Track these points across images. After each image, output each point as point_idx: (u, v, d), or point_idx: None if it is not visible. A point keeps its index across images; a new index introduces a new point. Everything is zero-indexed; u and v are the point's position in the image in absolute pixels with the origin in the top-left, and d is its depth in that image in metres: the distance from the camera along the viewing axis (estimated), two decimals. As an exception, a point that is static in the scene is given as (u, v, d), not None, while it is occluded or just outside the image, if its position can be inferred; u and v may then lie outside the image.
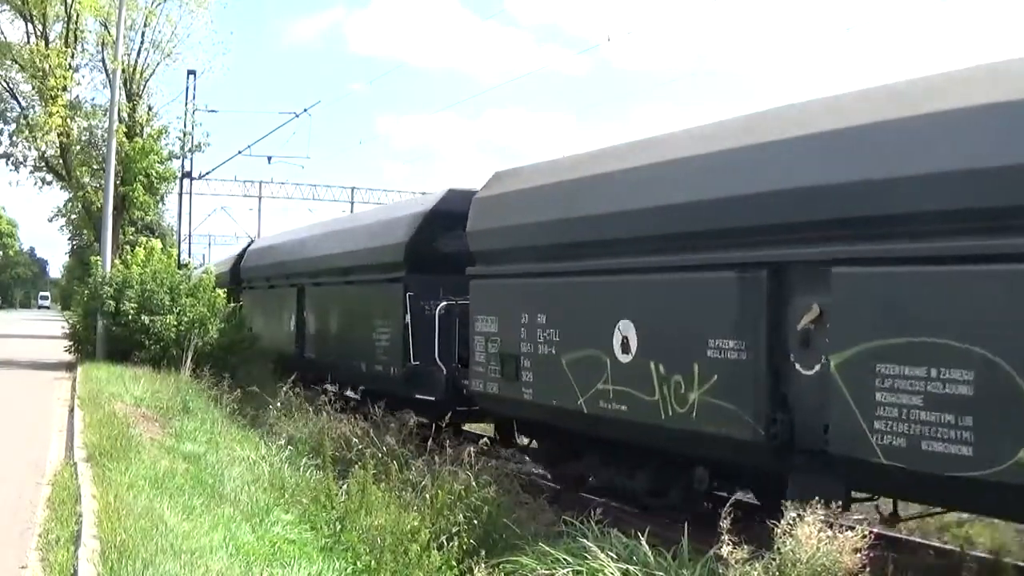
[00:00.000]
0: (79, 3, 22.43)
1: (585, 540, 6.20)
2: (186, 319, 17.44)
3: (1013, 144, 5.48)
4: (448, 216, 12.51)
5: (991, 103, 5.70)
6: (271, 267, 20.62)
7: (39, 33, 23.31)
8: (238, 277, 23.27)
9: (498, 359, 10.17)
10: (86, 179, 24.74)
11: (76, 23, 23.33)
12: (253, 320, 20.46)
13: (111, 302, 17.74)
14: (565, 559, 6.08)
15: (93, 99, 24.95)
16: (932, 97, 6.19)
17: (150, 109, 24.79)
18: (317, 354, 16.91)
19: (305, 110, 33.87)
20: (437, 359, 11.89)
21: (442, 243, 12.79)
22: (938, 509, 7.55)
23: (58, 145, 23.83)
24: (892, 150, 6.15)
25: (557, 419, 9.45)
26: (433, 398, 12.22)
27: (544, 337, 9.37)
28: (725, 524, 5.63)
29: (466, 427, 13.69)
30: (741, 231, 7.22)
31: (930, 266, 5.88)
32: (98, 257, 19.98)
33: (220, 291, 19.17)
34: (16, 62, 23.15)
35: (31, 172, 24.92)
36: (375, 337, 13.81)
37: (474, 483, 7.69)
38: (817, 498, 5.57)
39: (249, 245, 24.33)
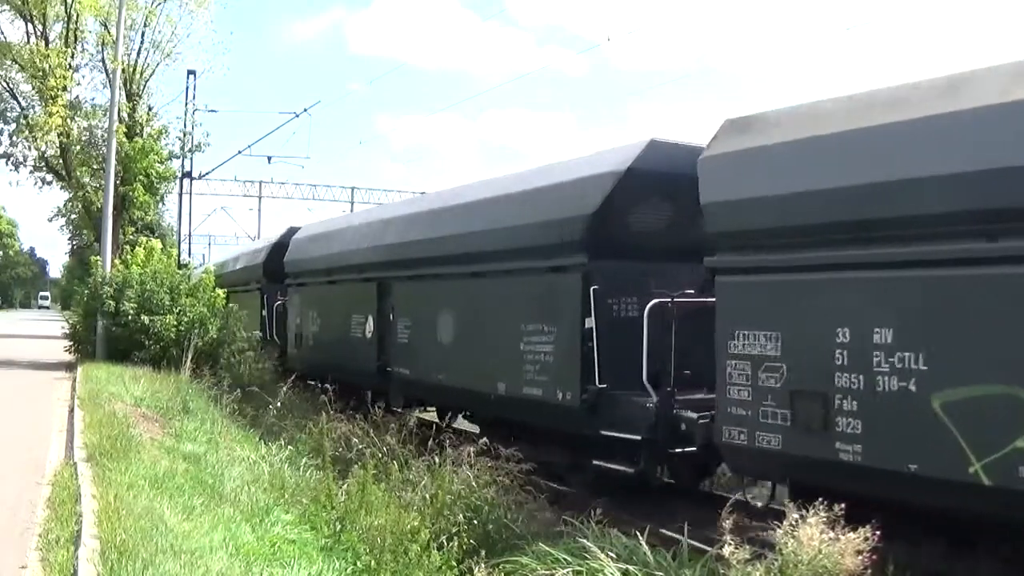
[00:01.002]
0: (79, 3, 22.44)
1: (585, 540, 6.20)
2: (186, 319, 17.45)
3: None
4: (650, 179, 9.01)
5: None
6: (333, 257, 15.90)
7: (39, 33, 23.33)
8: (278, 271, 18.71)
9: (784, 397, 6.85)
10: (86, 179, 24.79)
11: (76, 23, 23.36)
12: (303, 324, 17.02)
13: (111, 302, 17.74)
14: (565, 559, 6.09)
15: (93, 99, 25.06)
16: None
17: (150, 109, 24.90)
18: (413, 371, 12.68)
19: (305, 110, 34.04)
20: (645, 381, 8.36)
21: (639, 216, 9.29)
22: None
23: (58, 145, 23.86)
24: None
25: (917, 492, 6.11)
26: (637, 437, 8.50)
27: (890, 365, 6.18)
28: (727, 524, 5.62)
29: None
30: None
31: None
32: (98, 257, 19.98)
33: (248, 288, 18.16)
34: (16, 62, 23.18)
35: (31, 172, 25.00)
36: (525, 349, 9.82)
37: (474, 483, 7.68)
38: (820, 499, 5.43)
39: (292, 231, 19.28)
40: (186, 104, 29.32)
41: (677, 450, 8.41)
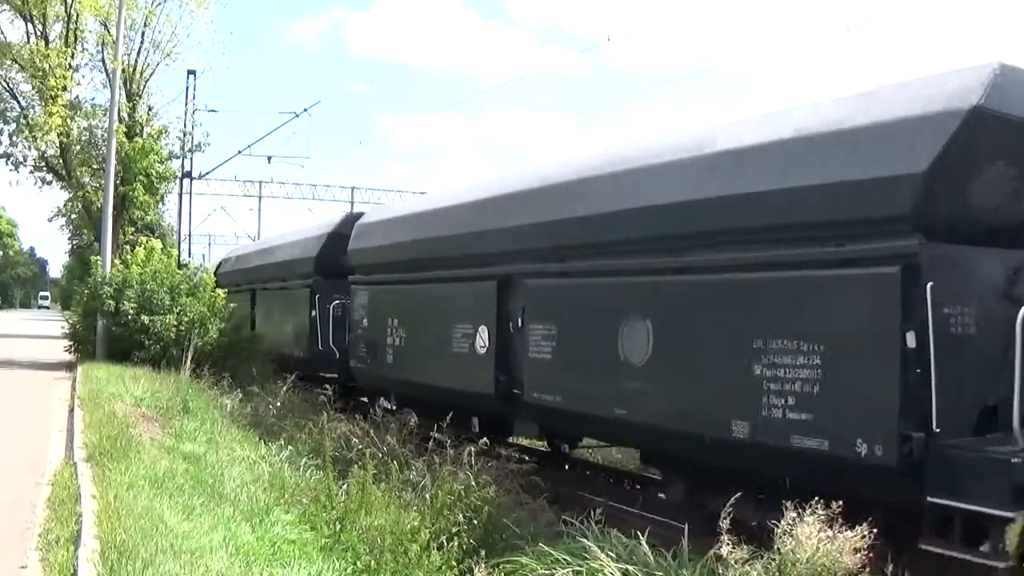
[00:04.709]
0: (79, 3, 22.41)
1: (585, 540, 6.20)
2: (186, 319, 17.44)
3: None
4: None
5: None
6: None
7: (39, 33, 23.30)
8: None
9: None
10: (86, 179, 24.75)
11: (76, 23, 23.33)
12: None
13: (111, 302, 17.74)
14: (565, 559, 6.07)
15: (93, 99, 24.99)
16: None
17: (150, 109, 24.85)
18: None
19: (305, 110, 33.90)
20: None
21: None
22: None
23: (58, 145, 23.82)
24: None
25: None
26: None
27: None
28: (725, 524, 5.62)
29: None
30: None
31: None
32: (98, 257, 19.97)
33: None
34: (16, 62, 23.14)
35: (31, 172, 24.94)
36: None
37: (474, 483, 7.68)
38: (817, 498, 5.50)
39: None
40: (186, 104, 29.30)
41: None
